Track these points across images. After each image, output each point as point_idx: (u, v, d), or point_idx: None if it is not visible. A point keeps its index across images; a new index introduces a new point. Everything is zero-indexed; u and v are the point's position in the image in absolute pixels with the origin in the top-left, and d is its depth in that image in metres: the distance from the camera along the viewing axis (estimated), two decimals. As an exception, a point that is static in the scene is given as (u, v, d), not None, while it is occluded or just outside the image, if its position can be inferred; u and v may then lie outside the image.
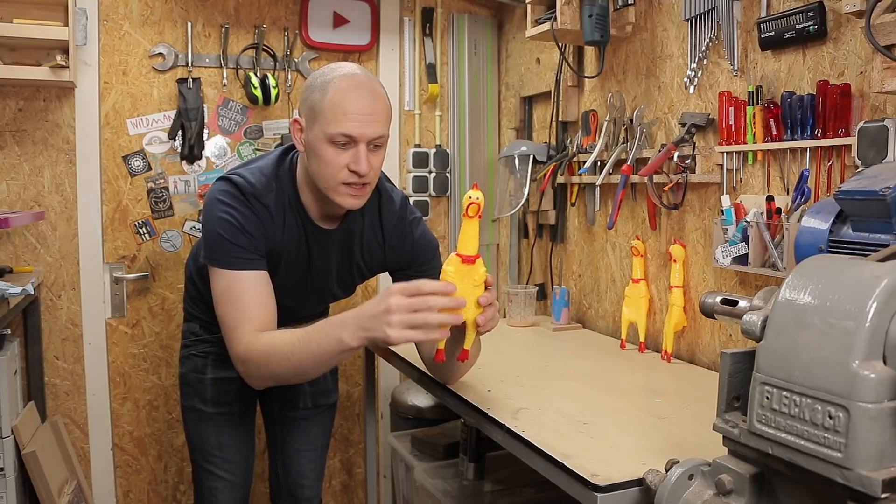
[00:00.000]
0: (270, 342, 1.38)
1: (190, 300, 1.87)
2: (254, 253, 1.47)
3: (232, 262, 1.45)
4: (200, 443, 1.82)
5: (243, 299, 1.44)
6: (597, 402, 1.57)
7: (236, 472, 1.84)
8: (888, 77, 1.26)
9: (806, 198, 1.52)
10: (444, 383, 1.63)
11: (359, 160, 1.41)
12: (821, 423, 0.81)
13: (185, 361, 1.85)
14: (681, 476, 0.99)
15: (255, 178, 1.50)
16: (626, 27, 2.05)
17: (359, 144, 1.41)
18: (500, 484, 1.96)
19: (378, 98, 1.44)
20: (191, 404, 1.83)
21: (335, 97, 1.40)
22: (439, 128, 2.83)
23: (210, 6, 2.49)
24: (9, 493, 1.93)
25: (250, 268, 1.46)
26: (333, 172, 1.42)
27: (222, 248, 1.45)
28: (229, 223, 1.45)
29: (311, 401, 1.94)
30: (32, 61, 2.20)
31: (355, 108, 1.39)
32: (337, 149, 1.41)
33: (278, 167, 1.55)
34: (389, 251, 1.65)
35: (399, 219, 1.64)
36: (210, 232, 1.48)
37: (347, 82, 1.42)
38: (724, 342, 1.81)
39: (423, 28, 2.78)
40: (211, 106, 2.52)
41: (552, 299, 2.41)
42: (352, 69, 1.47)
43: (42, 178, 2.34)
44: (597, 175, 2.17)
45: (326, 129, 1.40)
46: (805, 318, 0.85)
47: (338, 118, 1.39)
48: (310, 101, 1.44)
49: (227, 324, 1.44)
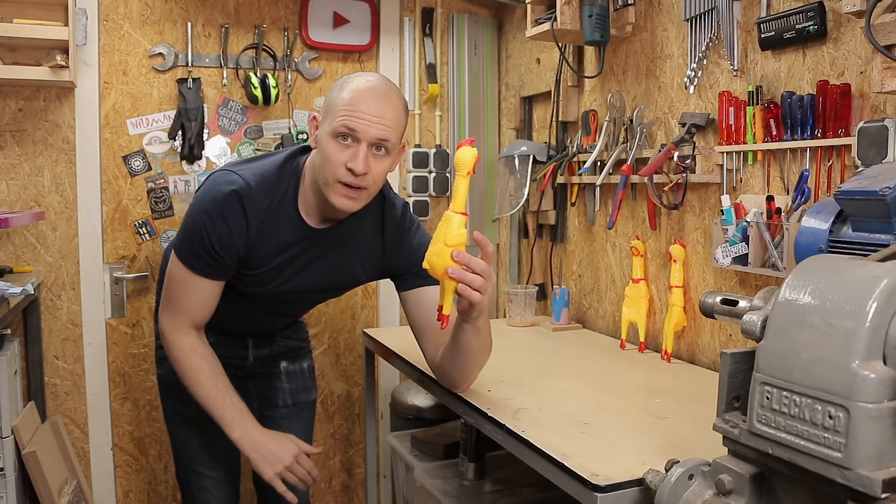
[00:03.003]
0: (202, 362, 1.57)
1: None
2: (215, 267, 1.52)
3: (193, 265, 1.52)
4: (184, 444, 1.82)
5: (192, 295, 1.55)
6: (597, 402, 1.57)
7: (223, 470, 1.84)
8: (888, 77, 1.26)
9: (806, 198, 1.52)
10: (450, 389, 1.61)
11: (356, 158, 1.40)
12: (821, 423, 0.81)
13: (161, 363, 1.82)
14: (681, 476, 0.99)
15: (255, 180, 1.50)
16: (626, 27, 2.05)
17: (360, 143, 1.41)
18: (500, 484, 1.96)
19: (391, 104, 1.45)
20: (172, 406, 1.82)
21: (348, 94, 1.43)
22: (439, 128, 2.83)
23: (210, 6, 2.49)
24: (9, 493, 1.93)
25: (208, 276, 1.53)
26: (332, 168, 1.42)
27: (192, 251, 1.51)
28: (206, 232, 1.48)
29: (290, 398, 1.93)
30: (32, 61, 2.20)
31: (364, 107, 1.41)
32: (339, 144, 1.42)
33: (281, 170, 1.54)
34: (388, 257, 1.64)
35: (399, 224, 1.64)
36: (189, 227, 1.52)
37: (366, 84, 1.45)
38: (724, 342, 1.81)
39: (423, 28, 2.78)
40: (211, 106, 2.52)
41: (552, 299, 2.41)
42: (376, 77, 1.51)
43: (42, 178, 2.34)
44: (597, 175, 2.17)
45: (333, 123, 1.42)
46: (805, 318, 0.85)
47: (344, 112, 1.41)
48: (329, 98, 1.47)
49: (170, 301, 1.58)
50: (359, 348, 2.78)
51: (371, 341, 2.26)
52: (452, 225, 1.31)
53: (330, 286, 1.71)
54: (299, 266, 1.60)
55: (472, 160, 1.32)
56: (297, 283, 1.63)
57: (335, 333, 2.78)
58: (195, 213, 1.51)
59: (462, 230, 1.32)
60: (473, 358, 1.53)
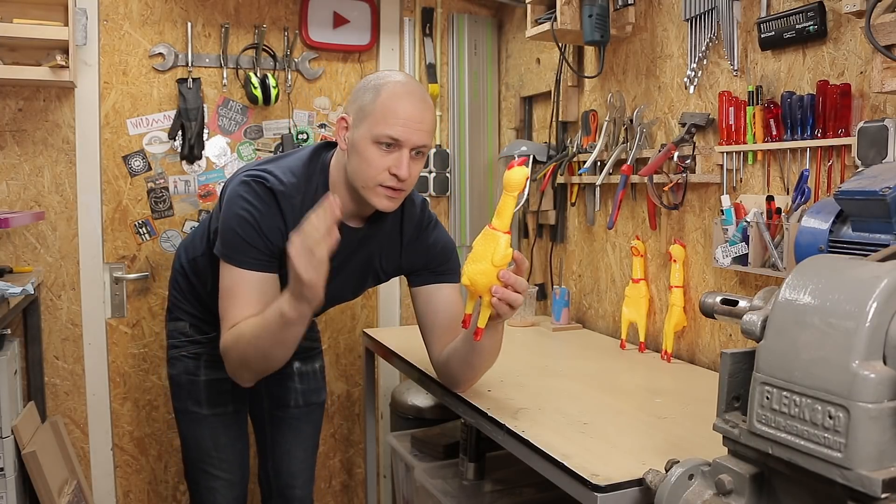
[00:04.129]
0: (237, 332, 1.42)
1: (179, 295, 1.84)
2: (266, 254, 1.46)
3: (243, 261, 1.45)
4: (196, 444, 1.81)
5: (244, 298, 1.44)
6: (597, 402, 1.57)
7: (234, 471, 1.84)
8: (888, 77, 1.26)
9: (806, 198, 1.52)
10: (452, 388, 1.61)
11: (401, 165, 1.41)
12: (821, 423, 0.81)
13: (174, 363, 1.83)
14: (681, 476, 0.99)
15: (285, 177, 1.49)
16: (626, 27, 2.05)
17: (403, 149, 1.42)
18: (500, 484, 1.96)
19: (428, 108, 1.45)
20: (184, 406, 1.81)
21: (387, 100, 1.41)
22: (439, 128, 2.83)
23: (210, 6, 2.49)
24: (9, 493, 1.93)
25: (259, 269, 1.46)
26: (374, 173, 1.42)
27: (236, 246, 1.45)
28: (248, 222, 1.45)
29: (301, 399, 1.93)
30: (32, 61, 2.20)
31: (406, 113, 1.41)
32: (381, 150, 1.42)
33: (309, 166, 1.53)
34: (405, 253, 1.64)
35: (418, 221, 1.64)
36: (228, 228, 1.47)
37: (402, 88, 1.44)
38: (724, 342, 1.81)
39: (423, 28, 2.78)
40: (211, 106, 2.52)
41: (552, 299, 2.41)
42: (405, 76, 1.50)
43: (42, 178, 2.34)
44: (597, 175, 2.17)
45: (374, 130, 1.41)
46: (805, 318, 0.85)
47: (388, 120, 1.40)
48: (360, 101, 1.45)
49: (224, 318, 1.46)
50: (359, 348, 2.78)
51: (371, 341, 2.26)
52: (500, 245, 1.32)
53: (355, 287, 1.70)
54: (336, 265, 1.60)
55: (522, 180, 1.32)
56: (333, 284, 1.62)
57: (335, 333, 2.78)
58: (230, 212, 1.47)
59: (510, 251, 1.33)
60: (485, 359, 1.53)
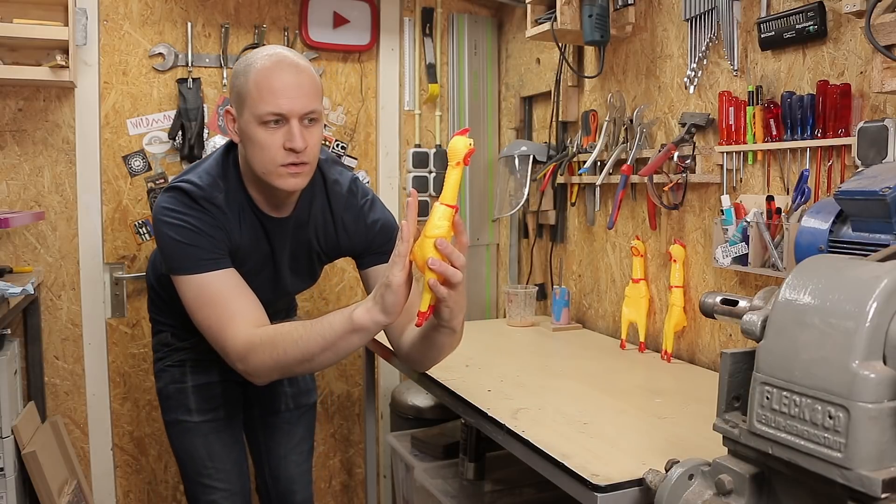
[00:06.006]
0: (277, 328, 1.37)
1: (156, 309, 1.83)
2: (217, 252, 1.43)
3: (197, 265, 1.40)
4: (190, 456, 1.75)
5: (222, 298, 1.40)
6: (597, 402, 1.57)
7: (232, 480, 1.76)
8: (888, 77, 1.26)
9: (806, 198, 1.52)
10: (416, 369, 1.58)
11: (293, 136, 1.38)
12: (821, 423, 0.81)
13: (160, 375, 1.79)
14: (681, 476, 0.99)
15: (202, 180, 1.46)
16: (626, 27, 2.05)
17: (291, 120, 1.38)
18: (500, 484, 1.96)
19: (302, 71, 1.41)
20: (174, 418, 1.76)
21: (259, 77, 1.38)
22: (439, 128, 2.83)
23: (210, 6, 2.49)
24: (9, 493, 1.93)
25: (218, 267, 1.42)
26: (270, 155, 1.39)
27: (183, 255, 1.41)
28: (185, 228, 1.41)
29: (292, 402, 1.89)
30: (32, 61, 2.20)
31: (281, 84, 1.37)
32: (269, 129, 1.38)
33: (223, 165, 1.51)
34: (343, 235, 1.61)
35: (349, 200, 1.60)
36: (167, 242, 1.43)
37: (270, 61, 1.39)
38: (724, 342, 1.81)
39: (423, 28, 2.78)
40: (211, 106, 2.52)
41: (552, 299, 2.41)
42: (272, 49, 1.44)
43: (42, 178, 2.34)
44: (597, 175, 2.17)
45: (255, 111, 1.37)
46: (805, 318, 0.85)
47: (264, 97, 1.36)
48: (236, 87, 1.42)
49: (213, 327, 1.40)
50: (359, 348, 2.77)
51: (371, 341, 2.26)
52: (434, 215, 1.23)
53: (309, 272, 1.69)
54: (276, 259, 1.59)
55: (463, 150, 1.23)
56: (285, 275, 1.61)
57: (335, 333, 2.78)
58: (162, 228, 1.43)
59: (443, 221, 1.22)
60: (445, 353, 1.49)
